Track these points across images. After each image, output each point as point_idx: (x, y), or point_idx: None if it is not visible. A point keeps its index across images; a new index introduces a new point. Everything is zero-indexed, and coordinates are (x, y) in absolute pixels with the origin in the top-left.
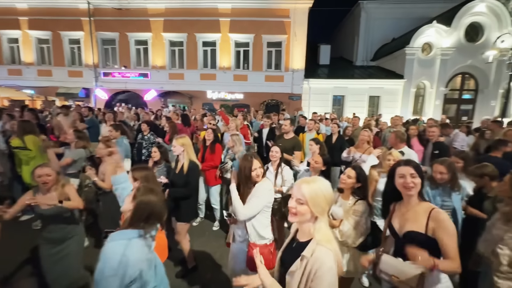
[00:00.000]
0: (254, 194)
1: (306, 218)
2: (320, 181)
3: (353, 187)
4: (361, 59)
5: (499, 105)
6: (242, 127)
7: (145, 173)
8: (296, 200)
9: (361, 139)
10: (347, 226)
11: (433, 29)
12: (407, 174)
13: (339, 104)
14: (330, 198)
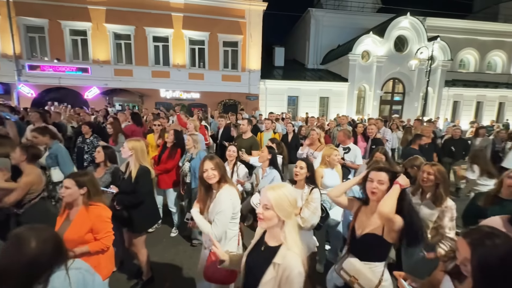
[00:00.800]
0: (217, 208)
1: (274, 222)
2: (285, 186)
3: (306, 177)
4: (312, 62)
5: (420, 106)
6: (199, 128)
7: (90, 178)
8: (263, 205)
9: (312, 138)
10: (307, 212)
11: (370, 39)
12: (375, 179)
13: (294, 104)
14: (294, 201)
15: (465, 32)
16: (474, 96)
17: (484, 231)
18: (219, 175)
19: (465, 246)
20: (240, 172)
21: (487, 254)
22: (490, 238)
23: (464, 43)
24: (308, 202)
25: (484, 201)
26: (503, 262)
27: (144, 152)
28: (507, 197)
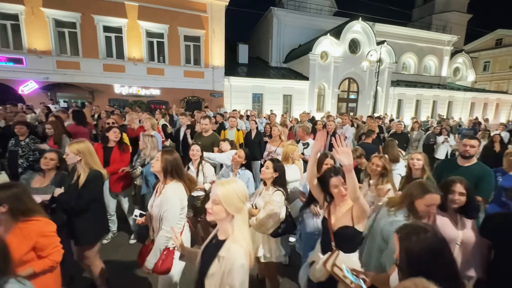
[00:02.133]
0: (164, 206)
1: (222, 216)
2: (234, 182)
3: (272, 177)
4: (275, 60)
5: (372, 104)
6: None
7: (12, 192)
8: (212, 200)
9: (274, 134)
10: (262, 214)
11: (328, 40)
12: (339, 184)
13: (258, 102)
14: (243, 196)
15: (406, 38)
16: (414, 95)
17: (412, 226)
18: (161, 168)
19: (396, 241)
20: (207, 171)
21: (412, 247)
22: (417, 233)
23: (406, 48)
24: (266, 204)
25: (404, 182)
26: (430, 253)
27: (93, 154)
28: (415, 176)
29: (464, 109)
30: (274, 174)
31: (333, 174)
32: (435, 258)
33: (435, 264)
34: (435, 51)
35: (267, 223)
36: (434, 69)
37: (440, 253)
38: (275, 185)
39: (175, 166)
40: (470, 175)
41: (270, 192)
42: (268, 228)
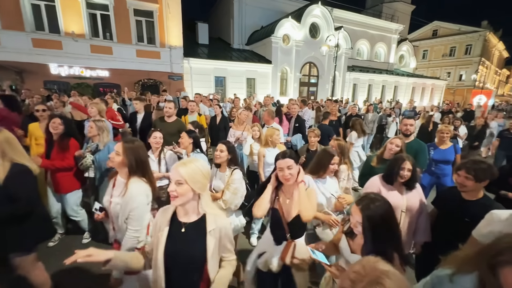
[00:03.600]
0: (130, 205)
1: (189, 197)
2: (196, 160)
3: (227, 159)
4: (237, 42)
5: (330, 88)
6: (108, 111)
7: None
8: (175, 182)
9: (242, 118)
10: (228, 194)
11: (289, 23)
12: (284, 167)
13: (222, 85)
14: (207, 173)
15: (360, 25)
16: (367, 80)
17: (369, 197)
18: (124, 163)
19: (357, 211)
20: (169, 159)
21: (372, 214)
22: (373, 202)
23: (360, 35)
24: (228, 184)
25: (376, 161)
26: (383, 218)
27: (14, 144)
28: (388, 157)
29: (407, 93)
30: (229, 156)
31: (281, 157)
32: (387, 220)
33: (387, 225)
34: (384, 39)
35: (234, 201)
36: (384, 55)
37: (390, 216)
38: (230, 165)
39: (141, 161)
40: (410, 150)
41: (227, 173)
42: (236, 205)
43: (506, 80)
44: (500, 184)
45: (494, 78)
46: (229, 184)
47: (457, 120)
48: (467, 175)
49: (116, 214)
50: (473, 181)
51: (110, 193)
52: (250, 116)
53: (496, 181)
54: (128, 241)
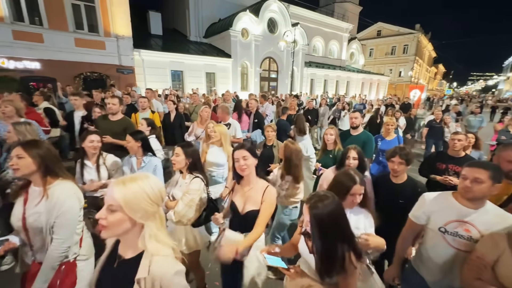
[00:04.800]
0: (57, 210)
1: (124, 228)
2: (146, 177)
3: (186, 164)
4: (194, 34)
5: (290, 83)
6: (28, 113)
7: None
8: (106, 207)
9: (205, 116)
10: (181, 205)
11: (248, 17)
12: (240, 157)
13: (179, 80)
14: (157, 196)
15: (315, 23)
16: (323, 75)
17: (318, 195)
18: (33, 167)
19: (306, 210)
20: (110, 163)
21: (320, 213)
22: (322, 201)
23: (315, 32)
24: (184, 194)
25: (320, 154)
26: (331, 216)
27: None
28: (330, 148)
29: (357, 88)
30: (187, 160)
31: (237, 148)
32: (337, 219)
33: (337, 224)
34: (336, 37)
35: (187, 214)
36: (337, 52)
37: (340, 214)
38: (192, 171)
39: (52, 159)
40: (359, 141)
41: (187, 180)
42: (190, 219)
43: (434, 77)
44: (430, 169)
45: (425, 75)
46: (185, 193)
47: (397, 112)
48: (401, 160)
49: (37, 228)
50: (405, 165)
51: (21, 208)
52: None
53: (427, 166)
54: (51, 254)
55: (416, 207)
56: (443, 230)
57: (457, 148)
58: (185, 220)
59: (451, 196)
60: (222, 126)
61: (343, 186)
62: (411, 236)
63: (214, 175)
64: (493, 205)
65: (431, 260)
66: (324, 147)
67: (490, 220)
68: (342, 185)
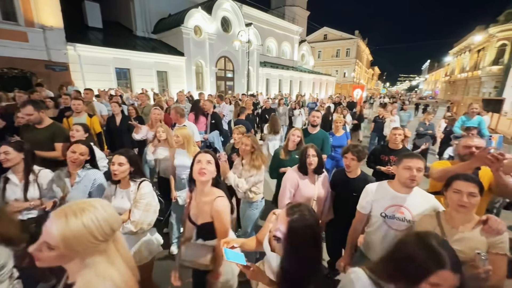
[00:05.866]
0: None
1: (62, 262)
2: (90, 209)
3: (130, 173)
4: (141, 29)
5: (246, 83)
6: None
7: None
8: (41, 242)
9: (153, 119)
10: (138, 213)
11: (200, 14)
12: (204, 160)
13: (126, 79)
14: (105, 232)
15: (268, 24)
16: (277, 75)
17: (300, 210)
18: None
19: (285, 221)
20: (43, 179)
21: (298, 225)
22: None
23: (268, 33)
24: (136, 201)
25: (283, 153)
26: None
27: None
28: (291, 149)
29: (309, 87)
30: (131, 168)
31: (203, 151)
32: (313, 240)
33: (311, 246)
34: (288, 39)
35: (147, 219)
36: (289, 53)
37: (317, 236)
38: (135, 178)
39: None
40: (318, 139)
41: (133, 188)
42: (150, 223)
43: (371, 77)
44: (375, 161)
45: (365, 76)
46: (137, 200)
47: (345, 110)
48: (353, 156)
49: None
50: (356, 161)
51: None
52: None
53: (373, 159)
54: None
55: (362, 198)
56: (384, 215)
57: (397, 141)
58: (146, 226)
59: (387, 185)
60: (184, 129)
61: (420, 266)
62: (360, 226)
63: (183, 177)
64: (418, 188)
65: (376, 243)
66: (286, 147)
67: (417, 202)
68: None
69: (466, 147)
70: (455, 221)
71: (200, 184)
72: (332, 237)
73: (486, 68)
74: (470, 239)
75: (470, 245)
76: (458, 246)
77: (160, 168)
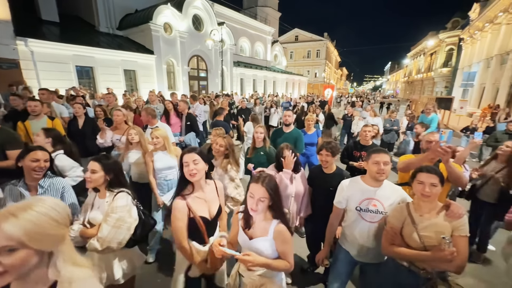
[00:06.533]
0: None
1: (32, 264)
2: (37, 202)
3: (106, 181)
4: (105, 25)
5: (220, 82)
6: None
7: None
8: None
9: (117, 120)
10: (106, 229)
11: (170, 12)
12: (190, 161)
13: (88, 78)
14: (63, 216)
15: (240, 24)
16: (251, 75)
17: (263, 176)
18: None
19: (260, 188)
20: None
21: (270, 186)
22: (267, 178)
23: (241, 33)
24: (107, 214)
25: (249, 152)
26: (276, 187)
27: None
28: (258, 146)
29: (283, 87)
30: (107, 177)
31: (187, 151)
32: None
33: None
34: (261, 39)
35: (117, 236)
36: (262, 54)
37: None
38: (112, 188)
39: None
40: (291, 138)
41: (108, 199)
42: (120, 242)
43: (340, 78)
44: (348, 157)
45: (334, 76)
46: (108, 214)
47: (318, 109)
48: (327, 152)
49: None
50: (331, 156)
51: None
52: (131, 116)
53: (347, 155)
54: None
55: (337, 194)
56: (358, 208)
57: (367, 137)
58: (115, 244)
59: (360, 180)
60: (161, 130)
61: None
62: (337, 221)
63: (170, 178)
64: (387, 181)
65: (352, 235)
66: (253, 145)
67: (387, 193)
68: None
69: (428, 142)
70: (422, 209)
71: (195, 183)
72: (311, 231)
73: (438, 70)
74: (436, 225)
75: (437, 230)
76: (427, 232)
77: (133, 173)
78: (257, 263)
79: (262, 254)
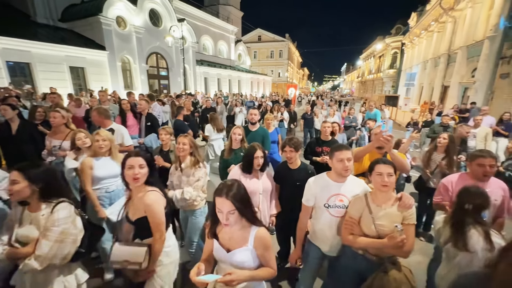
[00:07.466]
0: None
1: None
2: None
3: (33, 192)
4: (43, 16)
5: (182, 81)
6: None
7: None
8: None
9: (54, 124)
10: (45, 245)
11: (123, 5)
12: (136, 165)
13: (24, 75)
14: None
15: (202, 21)
16: (215, 74)
17: (226, 185)
18: None
19: (225, 202)
20: None
21: (236, 198)
22: (232, 187)
23: (203, 31)
24: (46, 228)
25: (226, 153)
26: (242, 195)
27: None
28: (235, 147)
29: (248, 86)
30: (34, 187)
31: (133, 155)
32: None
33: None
34: (224, 38)
35: (60, 252)
36: (226, 53)
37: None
38: (45, 198)
39: None
40: (258, 136)
41: (44, 212)
42: (65, 257)
43: (302, 78)
44: (311, 152)
45: (296, 76)
46: (47, 228)
47: (282, 108)
48: (291, 148)
49: None
50: (295, 152)
51: None
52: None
53: (309, 151)
54: None
55: (305, 192)
56: (327, 205)
57: (327, 133)
58: (58, 261)
59: (326, 176)
60: (105, 131)
61: None
62: (306, 218)
63: (113, 188)
64: (351, 175)
65: (322, 232)
66: (230, 146)
67: (350, 188)
68: None
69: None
70: (379, 199)
71: (133, 186)
72: (280, 227)
73: (386, 71)
74: (390, 214)
75: (391, 219)
76: (383, 221)
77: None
78: (242, 279)
79: (243, 265)
